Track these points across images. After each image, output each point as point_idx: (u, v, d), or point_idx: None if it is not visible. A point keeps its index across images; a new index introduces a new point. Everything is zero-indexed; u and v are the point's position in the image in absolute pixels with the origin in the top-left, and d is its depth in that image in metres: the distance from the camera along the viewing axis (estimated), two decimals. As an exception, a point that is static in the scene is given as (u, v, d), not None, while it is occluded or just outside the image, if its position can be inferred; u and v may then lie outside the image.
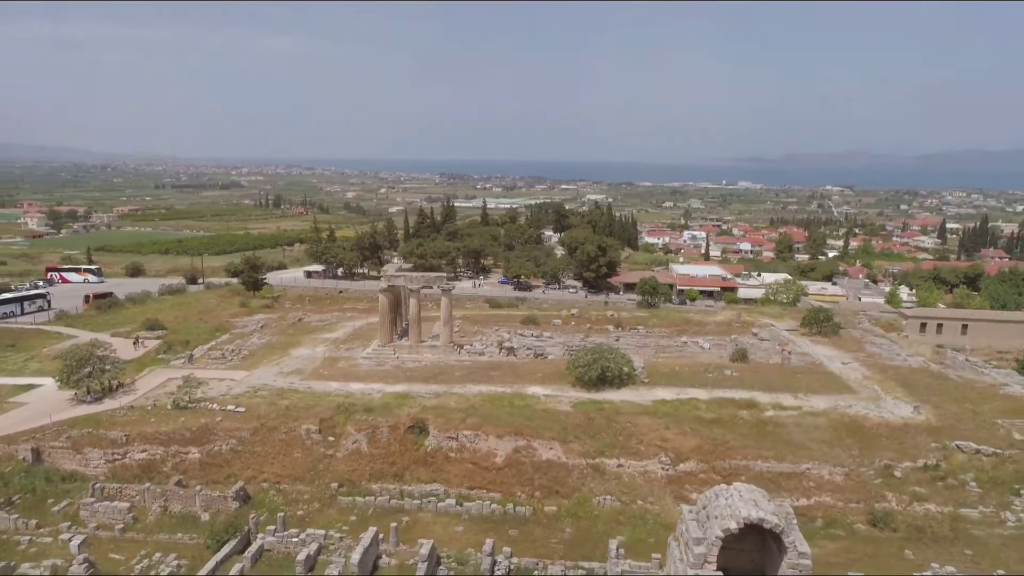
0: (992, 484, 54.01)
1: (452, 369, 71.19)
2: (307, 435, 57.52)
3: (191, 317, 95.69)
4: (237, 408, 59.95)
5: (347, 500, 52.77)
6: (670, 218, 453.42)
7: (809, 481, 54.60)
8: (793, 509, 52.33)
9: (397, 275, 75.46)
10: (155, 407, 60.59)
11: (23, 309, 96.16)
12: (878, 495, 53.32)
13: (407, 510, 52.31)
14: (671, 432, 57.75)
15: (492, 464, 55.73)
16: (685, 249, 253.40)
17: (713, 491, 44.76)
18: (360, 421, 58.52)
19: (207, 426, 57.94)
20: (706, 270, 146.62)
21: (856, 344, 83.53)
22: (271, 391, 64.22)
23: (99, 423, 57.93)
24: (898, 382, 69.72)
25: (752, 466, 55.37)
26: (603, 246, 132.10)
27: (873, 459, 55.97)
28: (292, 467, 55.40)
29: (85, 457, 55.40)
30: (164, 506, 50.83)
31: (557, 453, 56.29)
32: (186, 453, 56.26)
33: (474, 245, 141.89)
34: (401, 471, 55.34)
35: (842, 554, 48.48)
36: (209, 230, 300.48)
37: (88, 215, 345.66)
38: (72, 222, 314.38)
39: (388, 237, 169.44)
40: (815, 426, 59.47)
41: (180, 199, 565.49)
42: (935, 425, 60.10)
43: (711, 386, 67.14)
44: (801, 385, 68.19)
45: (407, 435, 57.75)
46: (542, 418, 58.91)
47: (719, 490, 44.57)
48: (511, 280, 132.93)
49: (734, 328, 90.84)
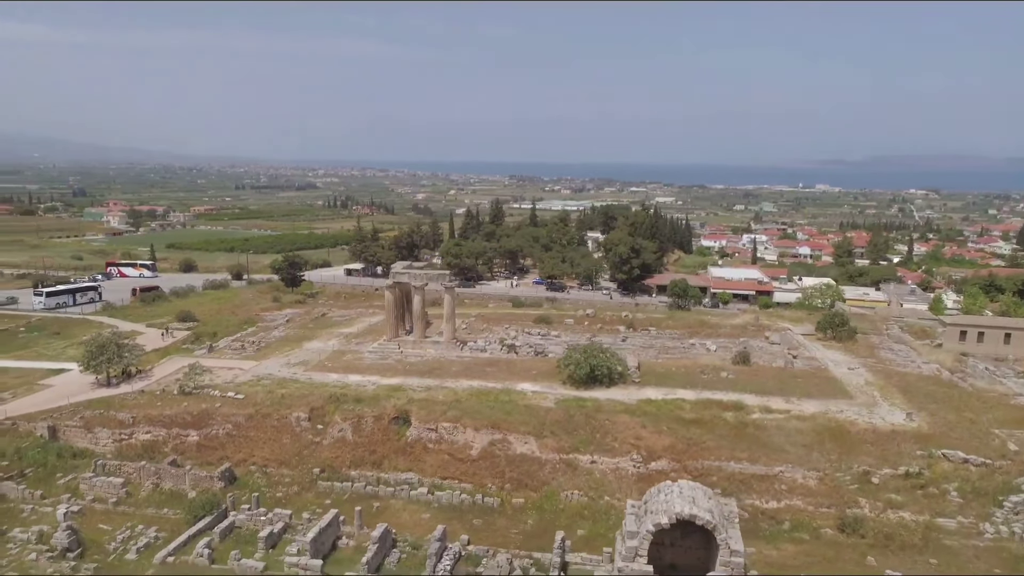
0: (975, 495, 52.56)
1: (451, 364, 73.31)
2: (297, 422, 60.62)
3: (224, 310, 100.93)
4: (236, 395, 63.67)
5: (326, 485, 55.52)
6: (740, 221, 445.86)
7: (781, 484, 54.26)
8: (762, 511, 52.69)
9: (402, 272, 78.22)
10: (163, 392, 64.92)
11: (75, 300, 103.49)
12: (851, 501, 52.60)
13: (381, 496, 54.64)
14: (647, 431, 58.27)
15: (467, 456, 57.52)
16: (740, 253, 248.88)
17: (657, 487, 45.55)
18: (347, 411, 61.26)
19: (207, 411, 61.77)
20: (743, 273, 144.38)
21: (869, 350, 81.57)
22: (273, 380, 67.76)
23: (110, 405, 62.55)
24: (900, 389, 68.05)
25: (725, 467, 55.43)
26: (636, 248, 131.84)
27: (852, 464, 55.17)
28: (280, 452, 58.52)
29: (95, 436, 59.92)
30: (156, 483, 54.64)
31: (531, 447, 57.64)
32: (186, 435, 60.12)
33: (510, 246, 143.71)
34: (380, 459, 57.72)
35: (801, 557, 48.19)
36: (276, 229, 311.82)
37: (166, 214, 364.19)
38: (150, 221, 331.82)
39: (433, 237, 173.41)
40: (798, 430, 58.92)
41: (258, 200, 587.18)
42: (926, 433, 58.68)
43: (702, 387, 67.12)
44: (796, 389, 67.42)
45: (390, 425, 60.14)
46: (522, 413, 60.32)
47: (663, 486, 45.33)
48: (545, 280, 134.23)
49: (748, 331, 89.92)
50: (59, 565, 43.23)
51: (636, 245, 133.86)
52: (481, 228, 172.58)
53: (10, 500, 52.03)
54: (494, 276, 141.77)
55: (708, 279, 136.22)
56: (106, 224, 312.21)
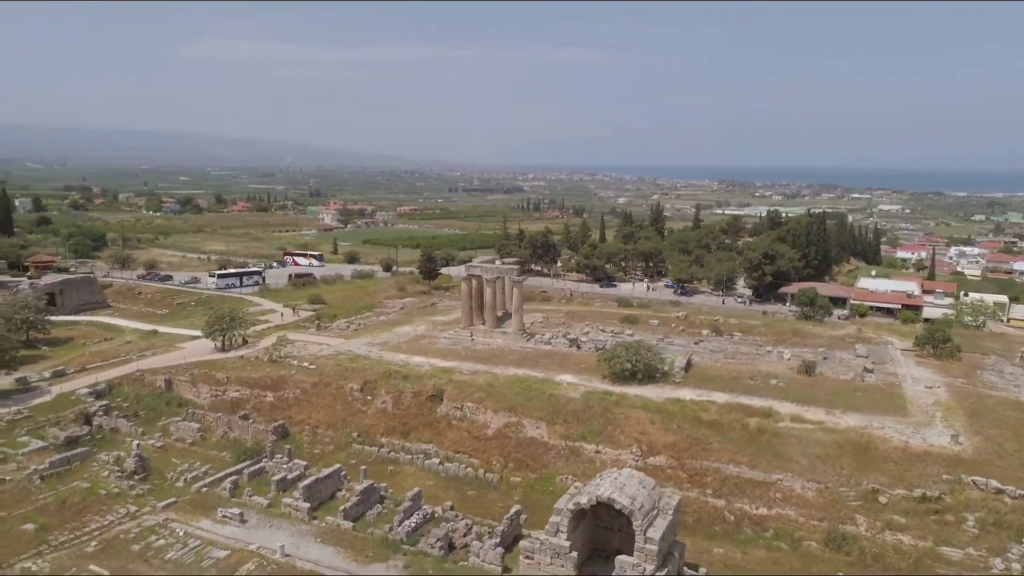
0: (997, 527, 48.18)
1: (509, 354, 77.93)
2: (350, 392, 68.75)
3: (354, 296, 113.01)
4: (310, 366, 73.20)
5: (358, 447, 62.94)
6: (978, 232, 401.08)
7: (777, 492, 53.11)
8: (749, 516, 52.67)
9: (475, 266, 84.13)
10: (256, 359, 76.19)
11: (242, 282, 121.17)
12: (847, 517, 50.45)
13: (399, 462, 61.01)
14: (655, 427, 59.23)
15: (483, 434, 62.16)
16: (940, 266, 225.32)
17: (603, 473, 47.65)
18: (392, 386, 68.31)
19: (283, 377, 71.85)
20: (894, 285, 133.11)
21: (969, 370, 74.15)
22: (347, 356, 76.61)
23: (214, 367, 74.75)
24: (969, 411, 62.20)
25: (723, 469, 55.21)
26: (770, 253, 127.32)
27: (861, 481, 52.54)
28: (331, 416, 66.91)
29: (197, 390, 72.21)
30: (226, 432, 65.19)
31: (542, 432, 61.00)
32: (264, 396, 70.55)
33: (644, 248, 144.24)
34: (409, 430, 64.05)
35: (766, 564, 47.70)
36: (465, 229, 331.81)
37: (373, 213, 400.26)
38: (358, 218, 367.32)
39: (581, 237, 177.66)
40: (819, 441, 56.75)
41: (467, 201, 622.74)
42: (967, 458, 53.99)
43: (741, 392, 66.04)
44: (846, 401, 64.11)
45: (426, 401, 66.30)
46: (542, 400, 63.64)
47: (607, 472, 47.45)
48: (676, 284, 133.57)
49: (844, 343, 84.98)
50: (122, 482, 54.24)
51: (770, 250, 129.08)
52: (637, 229, 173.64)
53: (121, 433, 64.87)
54: (628, 278, 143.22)
55: (849, 290, 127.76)
56: (320, 221, 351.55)
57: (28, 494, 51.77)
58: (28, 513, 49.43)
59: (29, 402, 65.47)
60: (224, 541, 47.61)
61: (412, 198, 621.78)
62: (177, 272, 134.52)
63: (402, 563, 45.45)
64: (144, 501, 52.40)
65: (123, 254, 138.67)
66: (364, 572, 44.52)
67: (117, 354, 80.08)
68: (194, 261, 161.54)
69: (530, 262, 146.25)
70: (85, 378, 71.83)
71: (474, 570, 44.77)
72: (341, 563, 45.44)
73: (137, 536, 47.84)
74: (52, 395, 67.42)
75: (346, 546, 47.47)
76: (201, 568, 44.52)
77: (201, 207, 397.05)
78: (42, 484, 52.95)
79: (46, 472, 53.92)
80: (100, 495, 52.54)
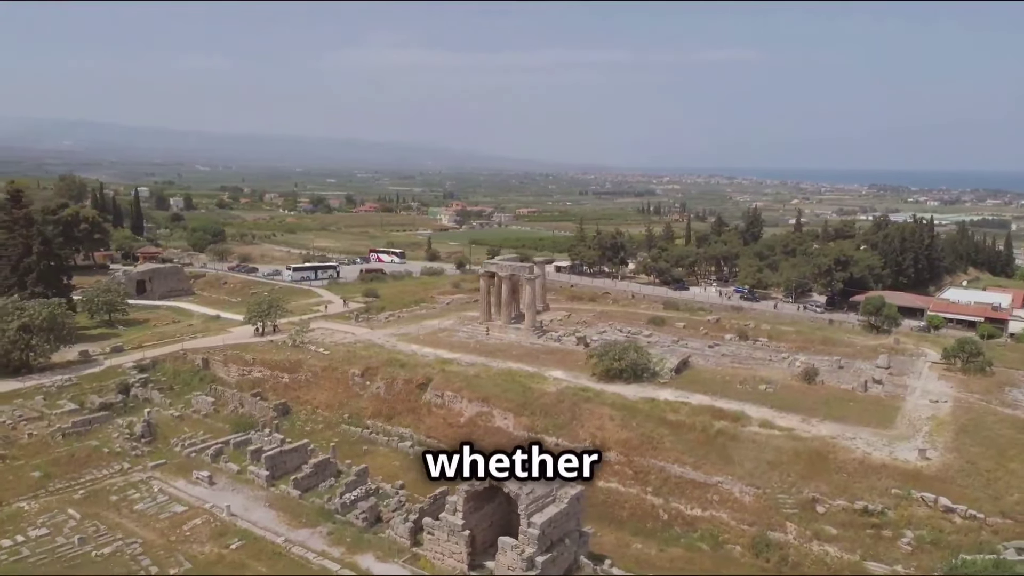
0: (934, 546, 45.92)
1: (514, 349, 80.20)
2: (351, 377, 73.74)
3: (409, 291, 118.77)
4: (324, 351, 79.02)
5: (345, 428, 67.78)
6: None
7: (715, 494, 52.78)
8: (682, 516, 53.34)
9: (491, 263, 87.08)
10: (282, 344, 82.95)
11: (316, 276, 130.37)
12: (778, 524, 49.54)
13: (376, 443, 65.29)
14: (614, 424, 59.93)
15: (457, 421, 65.20)
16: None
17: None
18: (388, 373, 72.64)
19: (300, 360, 78.04)
20: (985, 297, 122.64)
21: (993, 385, 68.65)
22: (362, 344, 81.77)
23: (245, 349, 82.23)
24: (960, 428, 58.24)
25: (667, 468, 55.39)
26: (843, 259, 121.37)
27: (803, 489, 51.20)
28: (331, 398, 72.17)
29: (228, 369, 79.80)
30: (237, 407, 72.04)
31: (509, 423, 63.24)
32: (281, 377, 76.97)
33: (715, 252, 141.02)
34: (393, 414, 68.12)
35: (678, 562, 48.06)
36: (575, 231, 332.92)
37: (490, 214, 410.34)
38: (474, 219, 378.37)
39: (665, 238, 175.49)
40: (776, 448, 55.49)
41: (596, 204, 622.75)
42: (928, 474, 51.19)
43: (724, 396, 65.08)
44: (832, 411, 61.79)
45: (415, 389, 70.13)
46: (517, 393, 65.64)
47: (517, 460, 49.03)
48: (744, 289, 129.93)
49: (875, 353, 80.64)
50: (127, 444, 61.87)
51: (842, 256, 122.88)
52: (716, 232, 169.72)
53: (152, 403, 73.10)
54: (699, 282, 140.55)
55: (928, 300, 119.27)
56: (437, 221, 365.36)
57: (47, 448, 60.22)
58: (40, 463, 57.62)
59: (82, 372, 75.09)
60: (187, 499, 53.55)
61: (541, 200, 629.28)
62: (268, 265, 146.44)
63: (327, 530, 49.40)
64: (139, 461, 59.61)
65: (220, 248, 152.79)
66: (291, 535, 48.83)
67: (174, 335, 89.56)
68: (297, 257, 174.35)
69: (599, 263, 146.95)
70: (137, 354, 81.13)
71: (387, 541, 48.00)
72: (275, 525, 50.06)
73: (119, 489, 54.77)
74: (103, 367, 76.90)
75: (287, 512, 52.07)
76: (158, 519, 50.55)
77: (332, 207, 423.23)
78: (62, 440, 61.34)
79: (68, 431, 62.36)
80: (103, 453, 60.26)
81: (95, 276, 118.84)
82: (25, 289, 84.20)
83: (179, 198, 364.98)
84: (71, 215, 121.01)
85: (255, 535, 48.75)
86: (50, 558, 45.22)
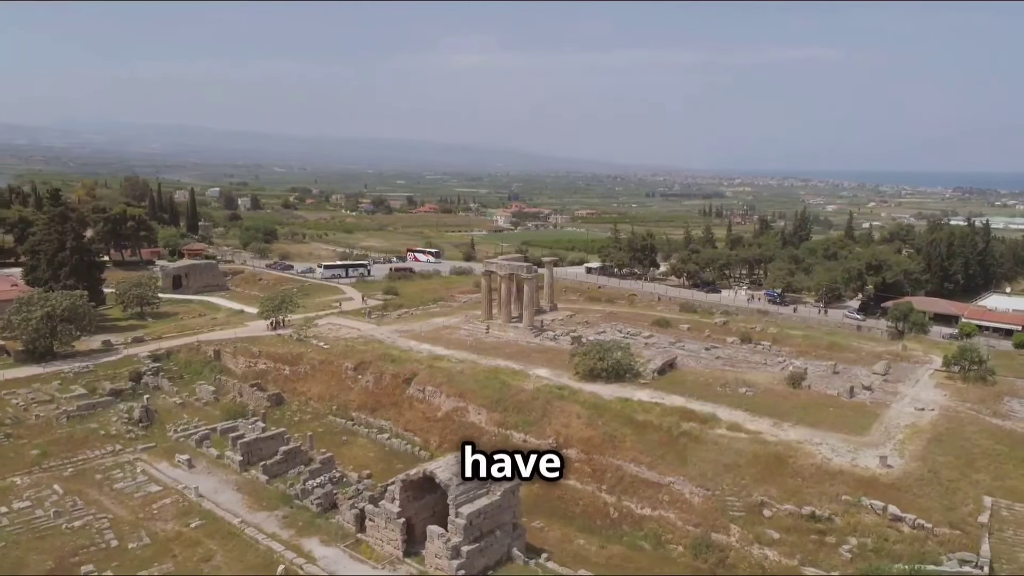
0: (876, 554, 45.00)
1: (508, 347, 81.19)
2: (345, 371, 76.24)
3: (430, 289, 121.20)
4: (324, 345, 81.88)
5: (331, 419, 70.34)
6: None
7: (665, 495, 52.78)
8: (632, 514, 53.85)
9: (491, 262, 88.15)
10: (287, 337, 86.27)
11: (347, 273, 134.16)
12: (722, 526, 49.23)
13: (357, 434, 67.59)
14: (579, 422, 60.38)
15: (434, 415, 66.84)
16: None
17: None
18: (378, 367, 74.81)
19: (301, 353, 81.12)
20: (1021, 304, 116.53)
21: (990, 395, 65.65)
22: (364, 340, 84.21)
23: (253, 342, 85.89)
24: (934, 437, 56.33)
25: (624, 467, 55.63)
26: (875, 263, 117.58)
27: (753, 493, 50.65)
28: (324, 390, 74.92)
29: (236, 360, 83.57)
30: (236, 396, 75.50)
31: (482, 418, 64.47)
32: (283, 369, 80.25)
33: (746, 254, 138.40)
34: (377, 407, 70.28)
35: (616, 560, 48.52)
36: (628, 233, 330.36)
37: (546, 216, 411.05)
38: (529, 221, 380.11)
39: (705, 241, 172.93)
40: (737, 451, 54.95)
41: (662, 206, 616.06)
42: (884, 482, 49.95)
43: (698, 398, 64.52)
44: (808, 416, 60.56)
45: (401, 383, 72.07)
46: (494, 389, 66.66)
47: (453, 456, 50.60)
48: (774, 293, 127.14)
49: (880, 359, 78.19)
50: (124, 428, 65.90)
51: (875, 260, 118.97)
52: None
53: (161, 390, 77.44)
54: (731, 285, 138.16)
55: (964, 307, 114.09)
56: (493, 222, 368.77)
57: (51, 429, 64.71)
58: (42, 443, 62.02)
59: (100, 360, 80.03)
60: (165, 480, 56.88)
61: (606, 202, 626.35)
62: (303, 262, 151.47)
63: (283, 514, 51.74)
64: (131, 444, 63.51)
65: (262, 246, 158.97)
66: (249, 517, 51.41)
67: (196, 328, 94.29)
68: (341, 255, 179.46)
69: (629, 265, 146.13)
70: (155, 344, 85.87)
71: (336, 527, 49.96)
72: (237, 508, 52.73)
73: (105, 469, 58.58)
74: (120, 356, 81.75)
75: (252, 495, 54.71)
76: (133, 498, 53.95)
77: (392, 207, 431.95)
78: (65, 423, 65.74)
79: (73, 414, 66.81)
80: (100, 435, 64.37)
81: (140, 271, 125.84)
82: (58, 282, 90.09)
83: (247, 198, 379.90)
84: (118, 214, 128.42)
85: (216, 516, 51.54)
86: (25, 528, 48.98)
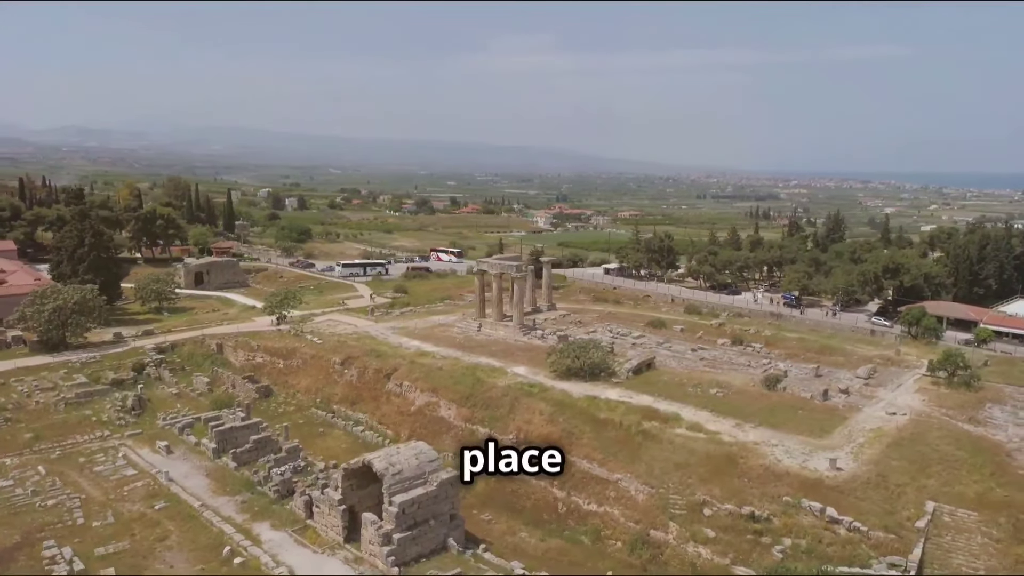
0: (807, 555, 44.91)
1: (495, 345, 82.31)
2: (332, 365, 78.54)
3: (440, 288, 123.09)
4: (317, 341, 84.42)
5: (313, 411, 72.64)
6: None
7: (612, 491, 53.38)
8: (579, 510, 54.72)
9: (483, 261, 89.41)
10: (286, 332, 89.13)
11: (365, 272, 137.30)
12: (661, 524, 49.60)
13: (335, 426, 69.69)
14: (541, 418, 61.20)
15: (408, 410, 68.54)
16: None
17: (403, 444, 52.51)
18: (362, 362, 76.87)
19: (295, 347, 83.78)
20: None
21: (971, 401, 63.95)
22: (356, 336, 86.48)
23: (254, 336, 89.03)
24: (893, 441, 55.46)
25: (577, 463, 56.23)
26: (894, 266, 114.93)
27: (696, 492, 50.80)
28: (312, 383, 77.31)
29: (236, 354, 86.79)
30: (229, 388, 78.52)
31: (451, 413, 65.88)
32: (278, 362, 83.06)
33: (763, 256, 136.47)
34: (357, 400, 72.33)
35: (550, 552, 49.58)
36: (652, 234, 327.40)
37: (588, 217, 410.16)
38: (570, 222, 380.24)
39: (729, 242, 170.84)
40: (691, 450, 55.06)
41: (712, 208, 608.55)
42: (830, 484, 49.60)
43: (667, 397, 64.66)
44: (772, 418, 60.21)
45: (382, 378, 73.97)
46: (466, 386, 67.86)
47: (406, 444, 52.22)
48: (789, 295, 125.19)
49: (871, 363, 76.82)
50: (115, 415, 69.38)
51: (893, 263, 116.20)
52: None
53: (162, 381, 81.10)
54: (748, 287, 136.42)
55: (983, 312, 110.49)
56: (533, 223, 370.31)
57: (48, 414, 68.59)
58: (37, 427, 65.85)
59: (108, 351, 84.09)
60: (142, 464, 59.86)
61: (656, 204, 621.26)
62: (328, 261, 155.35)
63: (243, 499, 54.04)
64: (119, 430, 66.86)
65: (286, 244, 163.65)
66: (210, 501, 53.86)
67: (204, 322, 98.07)
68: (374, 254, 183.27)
69: (646, 266, 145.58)
70: (163, 337, 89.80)
71: (288, 513, 51.99)
72: (202, 492, 55.24)
73: (90, 452, 61.93)
74: (128, 348, 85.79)
75: (219, 481, 57.22)
76: (108, 480, 57.00)
77: (435, 208, 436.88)
78: (63, 409, 69.56)
79: (71, 400, 70.64)
80: (92, 421, 67.95)
81: (168, 268, 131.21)
82: (77, 276, 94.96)
83: (293, 199, 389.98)
84: (148, 213, 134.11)
85: (180, 499, 54.11)
86: (3, 505, 52.32)
